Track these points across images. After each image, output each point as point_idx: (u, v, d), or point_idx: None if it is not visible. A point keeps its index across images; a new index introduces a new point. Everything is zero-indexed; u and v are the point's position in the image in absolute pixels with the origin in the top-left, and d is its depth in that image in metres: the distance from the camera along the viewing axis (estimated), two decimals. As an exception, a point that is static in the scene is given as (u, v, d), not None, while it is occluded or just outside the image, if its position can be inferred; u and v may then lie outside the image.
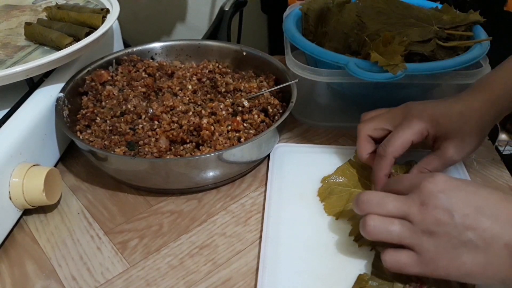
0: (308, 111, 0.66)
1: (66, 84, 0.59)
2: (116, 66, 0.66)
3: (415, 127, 0.48)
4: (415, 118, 0.48)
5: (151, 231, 0.50)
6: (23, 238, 0.49)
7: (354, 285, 0.43)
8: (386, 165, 0.48)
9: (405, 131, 0.48)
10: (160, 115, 0.56)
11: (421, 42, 0.60)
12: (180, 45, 0.70)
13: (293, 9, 0.71)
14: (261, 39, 1.56)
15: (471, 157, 0.60)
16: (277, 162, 0.58)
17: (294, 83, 0.59)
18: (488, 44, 0.60)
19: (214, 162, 0.50)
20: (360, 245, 0.46)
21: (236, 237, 0.49)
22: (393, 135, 0.49)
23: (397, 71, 0.54)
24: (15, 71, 0.51)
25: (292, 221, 0.50)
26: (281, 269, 0.44)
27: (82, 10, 0.65)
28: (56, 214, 0.52)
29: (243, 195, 0.55)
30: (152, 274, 0.45)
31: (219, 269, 0.46)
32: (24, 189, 0.47)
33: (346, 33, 0.64)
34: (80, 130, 0.57)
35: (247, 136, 0.55)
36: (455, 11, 0.66)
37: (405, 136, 0.48)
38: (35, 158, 0.51)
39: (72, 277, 0.45)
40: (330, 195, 0.52)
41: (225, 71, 0.66)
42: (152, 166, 0.50)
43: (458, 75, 0.58)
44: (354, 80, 0.56)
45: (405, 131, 0.48)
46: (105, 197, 0.54)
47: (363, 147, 0.51)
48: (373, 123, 0.51)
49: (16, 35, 0.63)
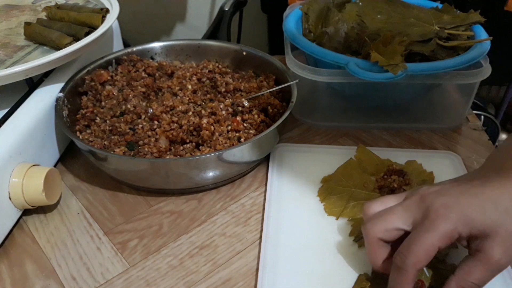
0: (308, 111, 0.66)
1: (66, 84, 0.59)
2: (116, 66, 0.66)
3: (441, 230, 0.36)
4: (441, 218, 0.37)
5: (151, 231, 0.50)
6: (23, 238, 0.49)
7: (354, 285, 0.43)
8: (407, 281, 0.37)
9: (430, 236, 0.36)
10: (160, 115, 0.56)
11: (421, 42, 0.60)
12: (180, 45, 0.70)
13: (293, 9, 0.71)
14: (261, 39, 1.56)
15: (471, 157, 0.60)
16: (277, 162, 0.58)
17: (294, 83, 0.59)
18: (488, 44, 0.60)
19: (214, 162, 0.50)
20: (360, 245, 0.46)
21: (236, 237, 0.49)
22: (413, 240, 0.37)
23: (397, 71, 0.54)
24: (15, 71, 0.51)
25: (292, 221, 0.50)
26: (281, 269, 0.44)
27: (82, 10, 0.65)
28: (56, 214, 0.52)
29: (243, 195, 0.54)
30: (152, 274, 0.45)
31: (219, 269, 0.46)
32: (23, 189, 0.47)
33: (346, 33, 0.64)
34: (79, 130, 0.57)
35: (247, 136, 0.55)
36: (456, 11, 0.66)
37: (430, 242, 0.36)
38: (34, 158, 0.51)
39: (72, 277, 0.45)
40: (330, 195, 0.52)
41: (225, 71, 0.66)
42: (152, 166, 0.50)
43: (458, 75, 0.58)
44: (354, 80, 0.56)
45: (429, 236, 0.36)
46: (105, 197, 0.54)
47: (375, 255, 0.40)
48: (384, 222, 0.40)
49: (15, 35, 0.63)
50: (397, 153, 0.58)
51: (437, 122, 0.66)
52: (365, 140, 0.63)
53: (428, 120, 0.67)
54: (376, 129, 0.65)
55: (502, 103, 1.41)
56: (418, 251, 0.36)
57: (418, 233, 0.37)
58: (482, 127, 0.66)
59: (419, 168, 0.56)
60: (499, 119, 1.39)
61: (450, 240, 0.37)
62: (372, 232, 0.40)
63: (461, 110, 0.66)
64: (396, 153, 0.59)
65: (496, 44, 0.62)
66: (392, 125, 0.66)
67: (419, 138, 0.64)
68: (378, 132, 0.65)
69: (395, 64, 0.54)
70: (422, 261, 0.37)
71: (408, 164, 0.56)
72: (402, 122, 0.66)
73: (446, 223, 0.37)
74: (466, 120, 0.68)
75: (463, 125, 0.67)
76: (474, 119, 0.68)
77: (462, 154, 0.60)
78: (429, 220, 0.37)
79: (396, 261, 0.38)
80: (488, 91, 1.60)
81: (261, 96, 0.60)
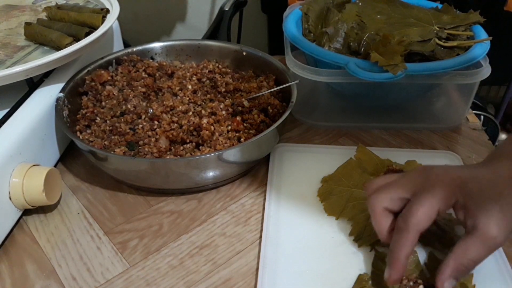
0: (308, 111, 0.66)
1: (66, 84, 0.59)
2: (116, 66, 0.66)
3: (440, 193, 0.39)
4: (438, 182, 0.39)
5: (151, 231, 0.50)
6: (23, 238, 0.49)
7: (354, 285, 0.43)
8: (408, 242, 0.38)
9: (429, 198, 0.39)
10: (160, 115, 0.56)
11: (421, 42, 0.60)
12: (180, 45, 0.70)
13: (293, 9, 0.71)
14: (261, 39, 1.56)
15: (471, 157, 0.60)
16: (277, 162, 0.58)
17: (294, 84, 0.59)
18: (488, 44, 0.60)
19: (214, 162, 0.50)
20: (360, 245, 0.46)
21: (236, 237, 0.49)
22: (414, 203, 0.39)
23: (397, 71, 0.54)
24: (15, 71, 0.51)
25: (292, 221, 0.50)
26: (281, 269, 0.44)
27: (82, 10, 0.65)
28: (56, 214, 0.52)
29: (243, 195, 0.54)
30: (152, 274, 0.45)
31: (219, 269, 0.46)
32: (24, 189, 0.47)
33: (346, 33, 0.64)
34: (80, 130, 0.57)
35: (247, 136, 0.55)
36: (455, 11, 0.66)
37: (430, 203, 0.38)
38: (35, 158, 0.51)
39: (72, 277, 0.45)
40: (330, 195, 0.52)
41: (225, 71, 0.66)
42: (152, 166, 0.50)
43: (458, 75, 0.58)
44: (354, 80, 0.56)
45: (428, 198, 0.39)
46: (105, 197, 0.54)
47: (381, 224, 0.41)
48: (388, 192, 0.41)
49: (16, 35, 0.63)
50: (397, 153, 0.58)
51: (437, 122, 0.66)
52: (365, 140, 0.63)
53: (428, 120, 0.67)
54: (376, 129, 0.65)
55: (501, 103, 1.41)
56: (419, 211, 0.38)
57: (419, 196, 0.39)
58: (481, 127, 0.67)
59: (419, 168, 0.56)
60: (498, 119, 1.39)
61: (449, 204, 0.39)
62: (377, 202, 0.41)
63: (460, 110, 0.66)
64: (396, 153, 0.59)
65: (496, 44, 0.62)
66: (391, 125, 0.66)
67: (419, 138, 0.64)
68: (378, 132, 0.65)
69: (394, 64, 0.54)
70: (423, 221, 0.38)
71: (408, 164, 0.56)
72: (402, 122, 0.66)
73: (444, 186, 0.39)
74: (465, 120, 0.68)
75: (462, 125, 0.67)
76: (474, 119, 0.68)
77: (462, 154, 0.60)
78: (428, 183, 0.39)
79: (399, 224, 0.39)
80: (487, 91, 1.60)
81: (261, 96, 0.60)
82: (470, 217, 0.38)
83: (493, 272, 0.44)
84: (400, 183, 0.41)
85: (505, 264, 0.44)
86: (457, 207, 0.39)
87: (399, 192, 0.41)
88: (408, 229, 0.38)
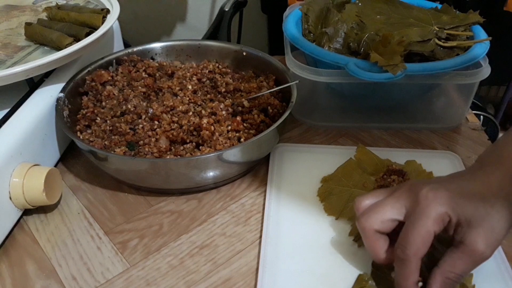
0: (308, 111, 0.66)
1: (66, 84, 0.59)
2: (116, 66, 0.66)
3: (433, 214, 0.37)
4: (430, 203, 0.38)
5: (151, 231, 0.50)
6: (23, 238, 0.49)
7: (354, 285, 0.43)
8: (412, 271, 0.38)
9: (423, 222, 0.38)
10: (160, 115, 0.56)
11: (420, 42, 0.60)
12: (180, 45, 0.70)
13: (293, 9, 0.71)
14: (261, 39, 1.56)
15: (471, 157, 0.60)
16: (277, 162, 0.58)
17: (294, 84, 0.59)
18: (487, 44, 0.61)
19: (214, 162, 0.50)
20: (360, 245, 0.46)
21: (236, 237, 0.49)
22: (409, 230, 0.38)
23: (397, 71, 0.54)
24: (15, 71, 0.51)
25: (292, 221, 0.50)
26: (281, 269, 0.44)
27: (82, 10, 0.65)
28: (56, 214, 0.52)
29: (243, 195, 0.55)
30: (152, 274, 0.45)
31: (219, 269, 0.46)
32: (24, 189, 0.47)
33: (346, 33, 0.64)
34: (80, 130, 0.57)
35: (247, 136, 0.55)
36: (455, 11, 0.66)
37: (425, 228, 0.37)
38: (35, 158, 0.51)
39: (72, 277, 0.45)
40: (330, 195, 0.52)
41: (225, 71, 0.66)
42: (152, 166, 0.50)
43: (458, 75, 0.58)
44: (354, 80, 0.57)
45: (423, 222, 0.38)
46: (105, 197, 0.54)
47: (375, 247, 0.41)
48: (378, 214, 0.40)
49: (16, 35, 0.63)
50: (396, 153, 0.59)
51: (437, 122, 0.66)
52: (364, 140, 0.63)
53: (428, 120, 0.67)
54: (376, 129, 0.65)
55: (501, 103, 1.41)
56: (416, 239, 0.37)
57: (412, 222, 0.38)
58: (481, 127, 0.67)
59: (418, 168, 0.56)
60: (498, 119, 1.40)
61: (443, 224, 0.38)
62: (368, 225, 0.40)
63: (460, 110, 0.67)
64: (395, 153, 0.59)
65: (495, 44, 0.62)
66: (391, 125, 0.66)
67: (419, 138, 0.64)
68: (378, 132, 0.65)
69: (394, 64, 0.54)
70: (422, 248, 0.37)
71: (407, 164, 0.56)
72: (402, 122, 0.66)
73: (436, 207, 0.38)
74: (465, 120, 0.68)
75: (462, 125, 0.67)
76: (474, 119, 0.68)
77: (462, 154, 0.60)
78: (420, 207, 0.38)
79: (398, 254, 0.38)
80: (487, 91, 1.60)
81: (261, 96, 0.60)
82: (457, 231, 0.38)
83: (493, 272, 0.44)
84: (389, 203, 0.40)
85: (505, 264, 0.45)
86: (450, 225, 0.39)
87: (388, 214, 0.40)
88: (409, 259, 0.38)
